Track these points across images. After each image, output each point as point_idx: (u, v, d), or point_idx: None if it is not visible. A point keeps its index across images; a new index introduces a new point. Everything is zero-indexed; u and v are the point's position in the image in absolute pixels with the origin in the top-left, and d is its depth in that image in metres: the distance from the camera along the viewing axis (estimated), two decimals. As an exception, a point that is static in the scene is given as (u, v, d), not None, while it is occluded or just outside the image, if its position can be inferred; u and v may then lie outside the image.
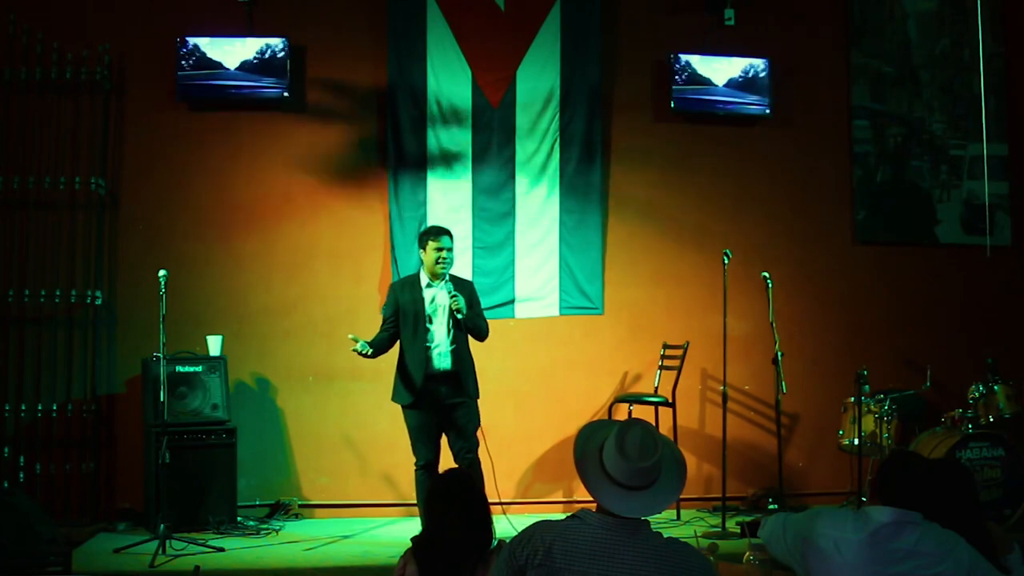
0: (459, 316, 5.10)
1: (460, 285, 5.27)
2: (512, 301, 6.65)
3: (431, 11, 6.60)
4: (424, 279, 5.26)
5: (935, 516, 2.81)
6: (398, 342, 5.30)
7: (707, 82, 6.81)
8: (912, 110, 7.18)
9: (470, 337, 5.30)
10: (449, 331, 5.20)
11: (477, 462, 5.21)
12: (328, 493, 6.40)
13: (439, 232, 5.27)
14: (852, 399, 6.15)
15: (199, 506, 5.75)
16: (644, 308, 6.78)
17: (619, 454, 2.39)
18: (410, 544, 2.94)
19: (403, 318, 5.19)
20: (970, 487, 3.16)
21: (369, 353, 5.11)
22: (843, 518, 2.83)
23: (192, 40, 6.32)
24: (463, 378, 5.21)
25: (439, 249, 5.19)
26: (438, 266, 5.19)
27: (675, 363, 6.37)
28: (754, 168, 6.98)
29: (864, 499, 5.67)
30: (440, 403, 5.18)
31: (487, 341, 5.41)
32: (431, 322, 5.19)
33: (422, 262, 5.31)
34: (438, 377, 5.17)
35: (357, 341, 5.07)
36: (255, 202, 6.51)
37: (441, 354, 5.18)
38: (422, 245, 5.29)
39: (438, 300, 5.21)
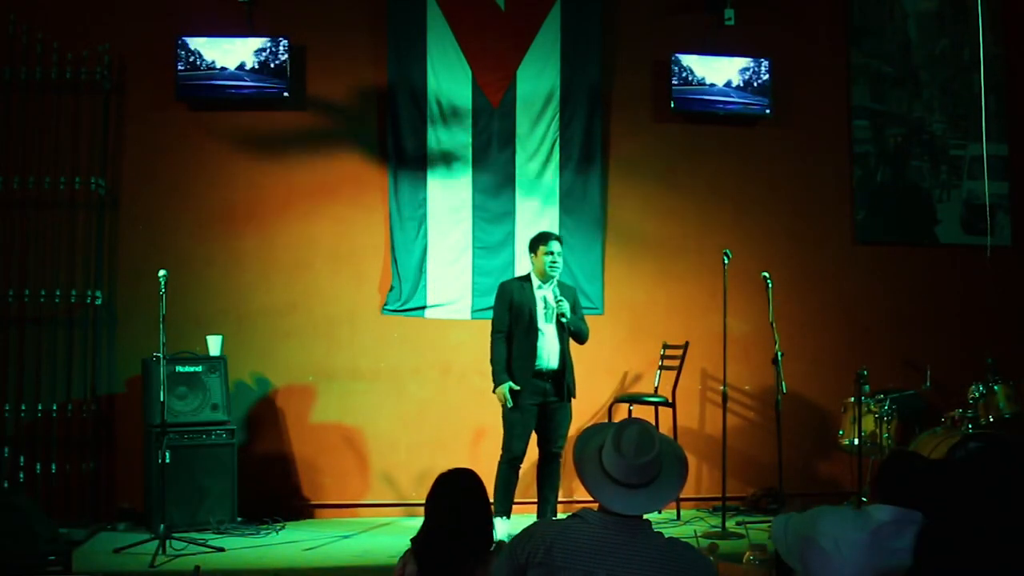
0: (564, 320, 5.35)
1: (565, 290, 5.50)
2: (512, 301, 6.67)
3: (431, 11, 6.60)
4: (536, 281, 5.46)
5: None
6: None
7: (707, 82, 6.81)
8: (912, 110, 7.18)
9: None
10: (556, 332, 5.40)
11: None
12: (328, 493, 6.39)
13: (549, 237, 5.52)
14: (852, 399, 6.15)
15: (199, 506, 5.75)
16: (644, 308, 6.78)
17: (616, 452, 2.40)
18: (410, 544, 2.94)
19: (515, 317, 5.38)
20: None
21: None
22: (844, 517, 2.84)
23: (192, 40, 6.32)
24: (566, 378, 5.42)
25: (549, 253, 5.42)
26: (551, 269, 5.42)
27: (675, 363, 6.37)
28: (754, 168, 6.97)
29: (865, 499, 5.67)
30: (543, 400, 5.38)
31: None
32: (542, 322, 5.38)
33: (533, 265, 5.50)
34: (544, 375, 5.37)
35: (506, 395, 5.30)
36: (255, 202, 6.51)
37: (550, 353, 5.37)
38: (533, 250, 5.50)
39: (548, 301, 5.42)
